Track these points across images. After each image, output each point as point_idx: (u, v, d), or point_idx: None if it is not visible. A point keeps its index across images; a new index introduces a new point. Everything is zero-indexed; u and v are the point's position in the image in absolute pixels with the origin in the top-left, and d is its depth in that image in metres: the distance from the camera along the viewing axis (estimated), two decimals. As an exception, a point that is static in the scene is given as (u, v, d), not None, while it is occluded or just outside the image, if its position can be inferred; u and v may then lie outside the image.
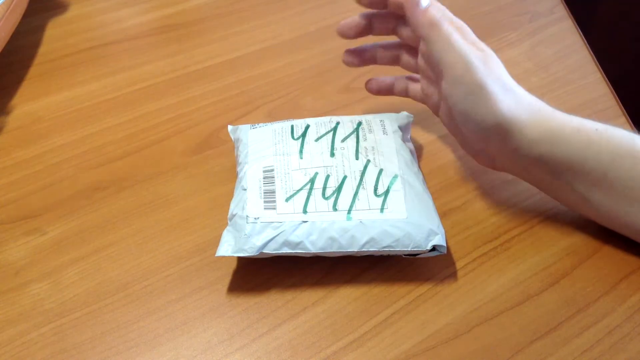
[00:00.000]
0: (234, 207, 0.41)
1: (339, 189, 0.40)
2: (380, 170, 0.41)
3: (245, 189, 0.41)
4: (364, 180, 0.41)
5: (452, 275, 0.42)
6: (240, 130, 0.46)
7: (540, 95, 0.55)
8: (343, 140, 0.43)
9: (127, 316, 0.40)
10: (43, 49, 0.61)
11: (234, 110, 0.55)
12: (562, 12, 0.66)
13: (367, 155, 0.42)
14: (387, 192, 0.40)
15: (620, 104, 0.55)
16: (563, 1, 0.67)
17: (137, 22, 0.65)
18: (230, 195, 0.43)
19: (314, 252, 0.39)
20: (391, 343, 0.38)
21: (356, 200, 0.40)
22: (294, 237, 0.39)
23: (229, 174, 0.48)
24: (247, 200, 0.40)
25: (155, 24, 0.65)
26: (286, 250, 0.39)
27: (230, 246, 0.39)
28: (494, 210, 0.46)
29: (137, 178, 0.48)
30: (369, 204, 0.40)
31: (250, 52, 0.61)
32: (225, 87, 0.57)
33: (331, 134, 0.44)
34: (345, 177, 0.41)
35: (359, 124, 0.44)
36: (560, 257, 0.43)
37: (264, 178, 0.41)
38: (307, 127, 0.44)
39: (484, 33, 0.64)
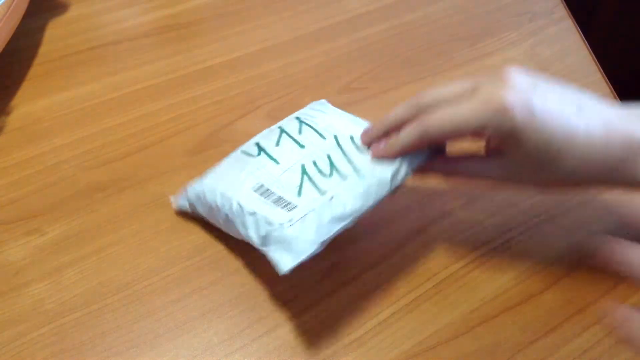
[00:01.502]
0: (254, 235, 0.38)
1: (332, 165, 0.40)
2: (351, 137, 0.42)
3: (253, 213, 0.38)
4: (344, 149, 0.41)
5: (452, 275, 0.42)
6: (188, 193, 0.44)
7: (540, 95, 0.56)
8: (300, 133, 0.44)
9: (127, 316, 0.40)
10: (43, 49, 0.61)
11: (234, 110, 0.55)
12: (562, 12, 0.66)
13: (330, 132, 0.43)
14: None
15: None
16: (563, 1, 0.67)
17: (137, 22, 0.65)
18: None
19: (363, 211, 0.38)
20: (391, 343, 0.38)
21: (354, 162, 0.40)
22: (336, 211, 0.37)
23: (229, 174, 0.48)
24: (266, 215, 0.38)
25: (155, 24, 0.65)
26: (341, 224, 0.37)
27: (290, 257, 0.35)
28: (494, 210, 0.46)
29: (137, 178, 0.48)
30: (368, 159, 0.40)
31: (250, 52, 0.61)
32: (225, 87, 0.57)
33: (284, 134, 0.44)
34: (329, 155, 0.41)
35: (297, 117, 0.45)
36: (560, 257, 0.43)
37: (261, 194, 0.40)
38: (258, 143, 0.44)
39: (484, 33, 0.65)
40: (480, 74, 0.38)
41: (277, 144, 0.43)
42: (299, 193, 0.39)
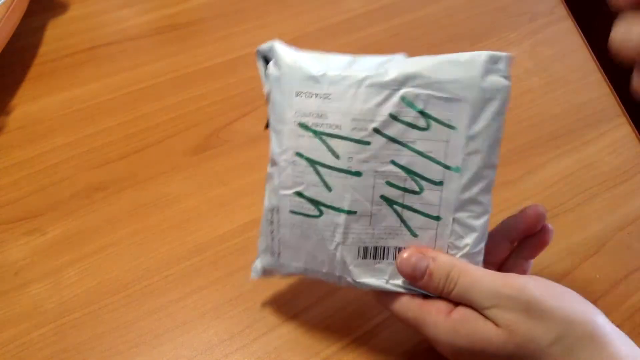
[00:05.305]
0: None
1: (410, 173, 0.33)
2: (392, 115, 0.33)
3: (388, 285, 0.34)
4: (402, 139, 0.33)
5: (452, 275, 0.42)
6: (281, 271, 0.37)
7: (541, 95, 0.56)
8: (336, 155, 0.33)
9: (127, 316, 0.40)
10: (43, 49, 0.61)
11: (234, 110, 0.54)
12: (562, 12, 0.66)
13: (361, 125, 0.32)
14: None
15: (621, 104, 0.55)
16: (563, 1, 0.67)
17: (137, 22, 0.65)
18: (229, 195, 0.43)
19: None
20: (391, 343, 0.38)
21: (427, 151, 0.33)
22: (473, 225, 0.34)
23: (229, 174, 0.48)
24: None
25: (155, 24, 0.65)
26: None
27: None
28: (493, 211, 0.46)
29: (137, 178, 0.48)
30: (435, 132, 0.33)
31: (250, 52, 0.60)
32: (225, 87, 0.57)
33: (320, 167, 0.33)
34: (394, 161, 0.33)
35: (302, 124, 0.33)
36: (560, 257, 0.43)
37: (373, 258, 0.34)
38: (302, 194, 0.34)
39: (484, 33, 0.65)
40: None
41: (325, 185, 0.33)
42: (412, 232, 0.34)
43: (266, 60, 0.36)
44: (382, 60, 0.33)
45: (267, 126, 0.36)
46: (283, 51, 0.35)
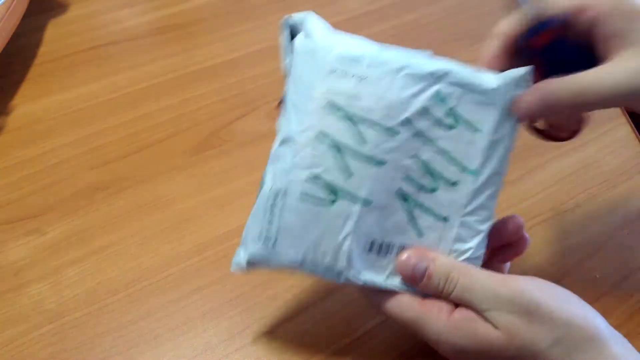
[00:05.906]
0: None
1: (429, 171, 0.33)
2: (424, 108, 0.32)
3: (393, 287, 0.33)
4: (431, 135, 0.33)
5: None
6: (261, 265, 0.34)
7: (540, 95, 0.56)
8: (364, 140, 0.32)
9: (127, 316, 0.40)
10: (43, 50, 0.61)
11: (234, 110, 0.55)
12: (562, 12, 0.65)
13: (396, 115, 0.32)
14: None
15: (620, 104, 0.55)
16: (563, 1, 0.67)
17: (137, 22, 0.65)
18: (229, 195, 0.43)
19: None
20: (391, 343, 0.38)
21: (451, 151, 0.33)
22: (472, 229, 0.34)
23: (229, 174, 0.48)
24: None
25: (155, 24, 0.65)
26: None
27: None
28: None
29: (137, 178, 0.48)
30: (464, 133, 0.33)
31: (250, 52, 0.61)
32: (225, 87, 0.57)
33: (346, 152, 0.32)
34: (417, 155, 0.33)
35: (332, 103, 0.32)
36: (560, 257, 0.43)
37: (378, 254, 0.34)
38: (320, 177, 0.32)
39: (484, 33, 0.64)
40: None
41: (347, 169, 0.32)
42: (418, 232, 0.33)
43: (291, 33, 0.35)
44: (409, 54, 0.34)
45: (280, 103, 0.34)
46: (319, 24, 0.34)
